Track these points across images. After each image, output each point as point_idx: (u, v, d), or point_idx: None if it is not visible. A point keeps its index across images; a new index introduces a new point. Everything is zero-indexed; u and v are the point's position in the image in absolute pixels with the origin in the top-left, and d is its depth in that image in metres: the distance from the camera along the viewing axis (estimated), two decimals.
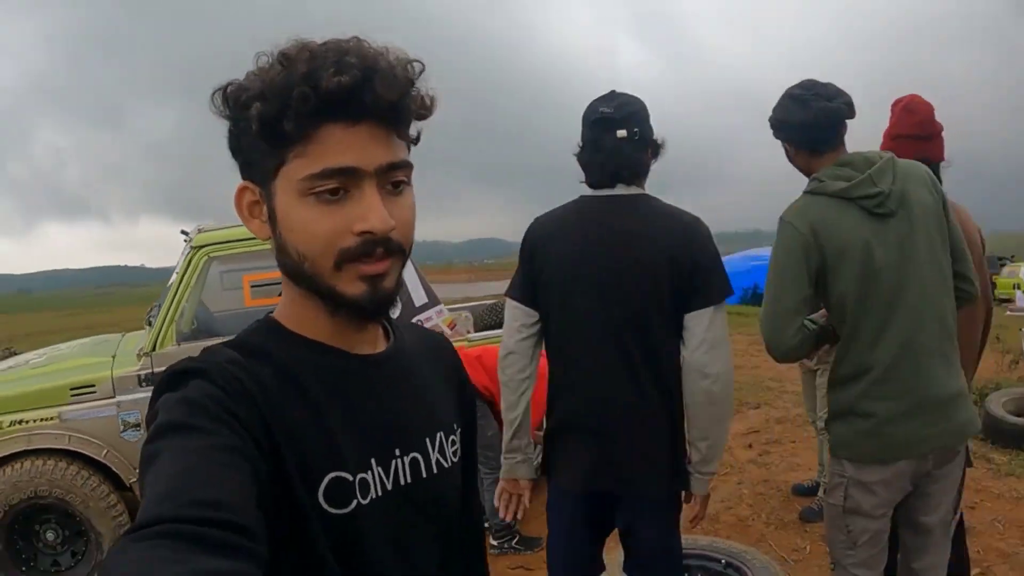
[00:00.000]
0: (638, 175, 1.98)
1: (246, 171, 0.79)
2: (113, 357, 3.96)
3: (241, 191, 0.80)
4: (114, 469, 3.61)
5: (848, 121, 1.99)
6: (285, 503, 0.70)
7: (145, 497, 0.59)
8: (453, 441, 0.92)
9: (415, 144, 0.82)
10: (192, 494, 0.57)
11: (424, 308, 4.02)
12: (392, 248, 0.76)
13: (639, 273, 1.88)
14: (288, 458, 0.71)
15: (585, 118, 1.99)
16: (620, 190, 1.95)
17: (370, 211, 0.73)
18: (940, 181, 2.16)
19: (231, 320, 3.95)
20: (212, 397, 0.68)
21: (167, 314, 3.76)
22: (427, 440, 0.87)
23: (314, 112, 0.70)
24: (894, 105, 2.45)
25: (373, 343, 0.87)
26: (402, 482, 0.82)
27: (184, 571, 0.50)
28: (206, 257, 3.83)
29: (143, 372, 3.70)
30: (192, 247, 3.85)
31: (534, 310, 1.98)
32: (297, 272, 0.77)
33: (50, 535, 3.56)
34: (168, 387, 0.71)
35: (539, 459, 2.17)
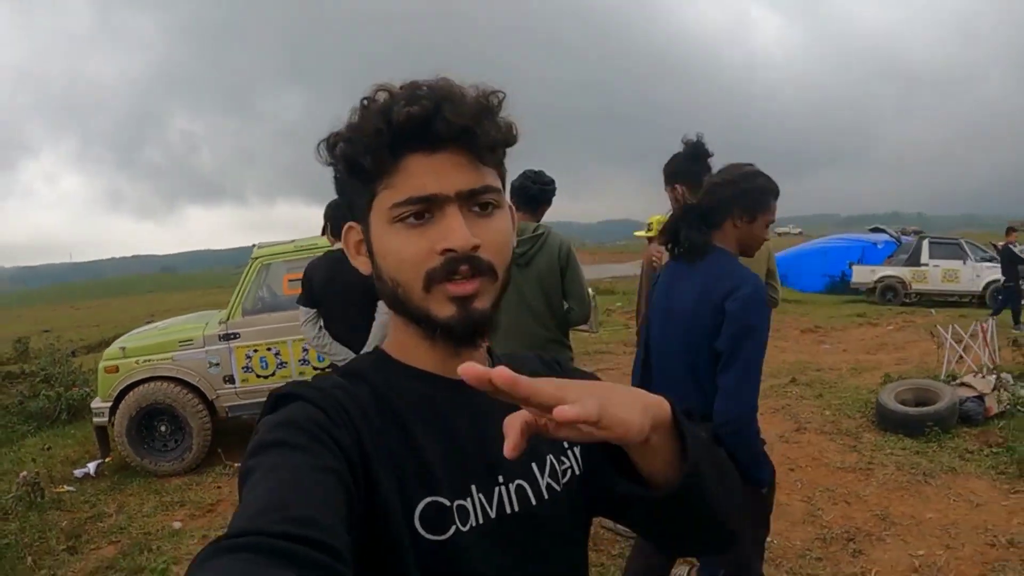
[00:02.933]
0: None
1: (350, 211, 0.84)
2: (206, 324, 6.13)
3: (347, 231, 0.86)
4: (202, 389, 5.80)
5: None
6: (379, 528, 0.71)
7: (240, 507, 0.61)
8: (563, 460, 0.90)
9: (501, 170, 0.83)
10: (287, 510, 0.59)
11: None
12: (481, 267, 0.77)
13: None
14: (384, 483, 0.73)
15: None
16: None
17: (450, 230, 0.75)
18: None
19: (284, 300, 5.95)
20: (312, 419, 0.71)
21: (235, 299, 5.90)
22: (533, 465, 0.86)
23: (391, 145, 0.75)
24: None
25: None
26: (508, 511, 0.81)
27: None
28: (260, 264, 5.91)
29: (221, 332, 5.84)
30: (251, 258, 5.96)
31: None
32: (393, 299, 0.81)
33: (162, 428, 5.78)
34: (270, 410, 0.75)
35: None
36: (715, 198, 2.31)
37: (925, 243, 16.75)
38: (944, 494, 4.31)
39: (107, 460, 5.99)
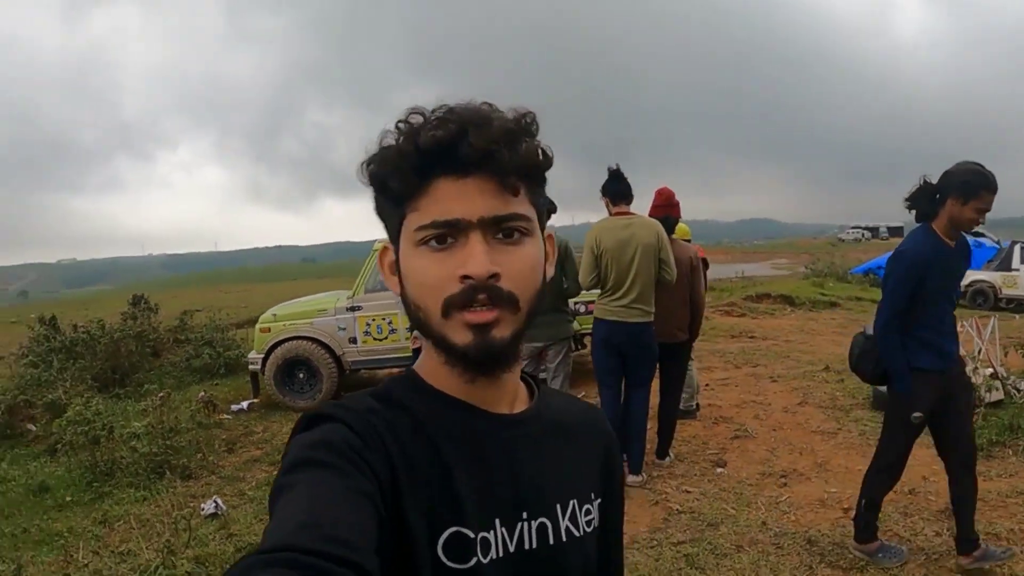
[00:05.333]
0: None
1: (387, 233, 0.85)
2: (337, 299, 8.18)
3: (383, 252, 0.87)
4: (332, 347, 7.84)
5: None
6: (404, 554, 0.73)
7: (273, 522, 0.63)
8: (588, 511, 0.91)
9: (540, 197, 0.84)
10: (321, 529, 0.60)
11: None
12: (500, 297, 0.77)
13: None
14: (412, 510, 0.74)
15: None
16: None
17: (469, 257, 0.76)
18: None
19: None
20: (347, 440, 0.72)
21: (359, 280, 7.90)
22: (558, 506, 0.87)
23: (418, 168, 0.76)
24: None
25: (511, 403, 0.89)
26: (527, 546, 0.83)
27: None
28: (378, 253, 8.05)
29: (348, 305, 7.87)
30: (373, 249, 7.86)
31: None
32: (416, 321, 0.82)
33: (300, 375, 7.89)
34: (304, 428, 0.76)
35: None
36: (943, 183, 3.28)
37: (1017, 248, 16.74)
38: None
39: (256, 400, 8.18)
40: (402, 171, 0.78)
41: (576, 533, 0.89)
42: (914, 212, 3.39)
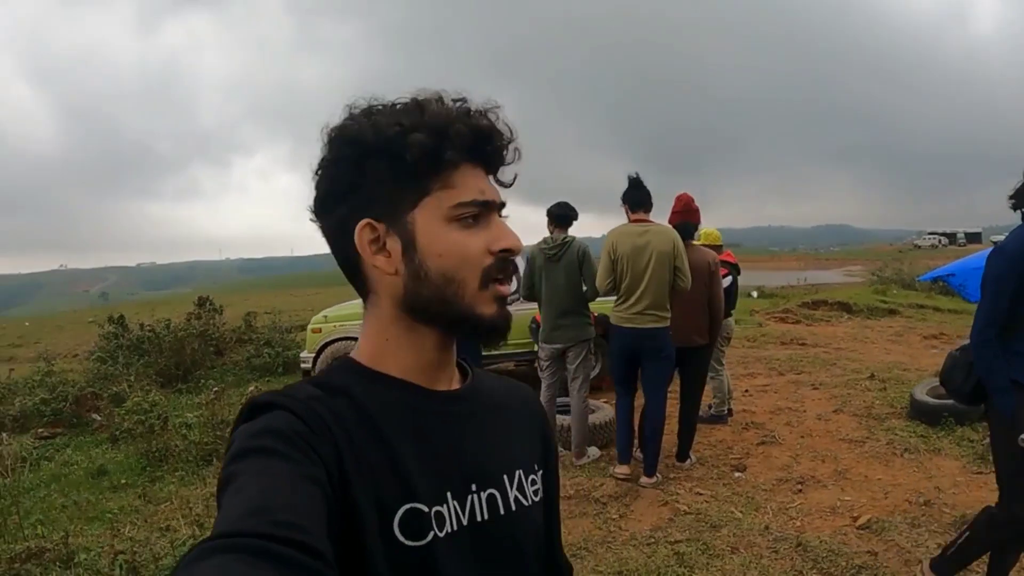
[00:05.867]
0: None
1: (365, 209, 0.84)
2: None
3: (363, 229, 0.84)
4: None
5: None
6: (355, 537, 0.73)
7: (222, 511, 0.63)
8: (533, 481, 0.95)
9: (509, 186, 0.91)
10: (271, 513, 0.61)
11: None
12: (516, 269, 0.88)
13: None
14: (361, 491, 0.75)
15: None
16: None
17: (506, 233, 0.85)
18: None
19: None
20: (292, 427, 0.73)
21: None
22: (504, 477, 0.90)
23: (467, 148, 0.82)
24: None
25: (450, 380, 0.92)
26: (479, 518, 0.85)
27: None
28: None
29: None
30: None
31: None
32: (435, 299, 0.83)
33: None
34: (247, 418, 0.76)
35: None
36: None
37: None
38: (909, 465, 5.41)
39: None
40: (457, 148, 0.81)
41: (524, 502, 0.92)
42: (1020, 212, 2.97)
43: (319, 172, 0.86)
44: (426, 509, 0.80)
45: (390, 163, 0.82)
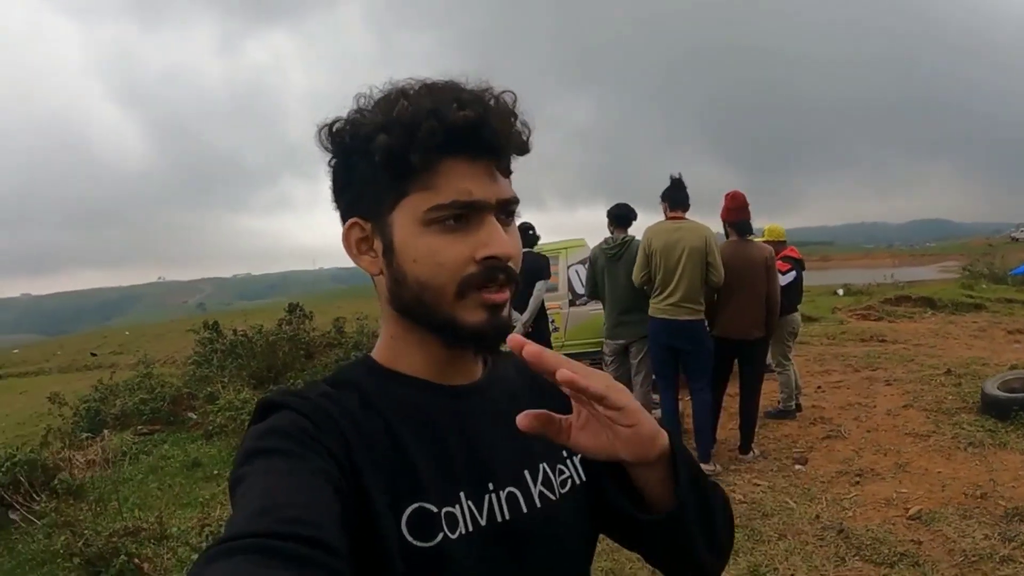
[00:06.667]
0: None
1: (354, 208, 0.83)
2: None
3: (350, 228, 0.84)
4: None
5: None
6: (368, 533, 0.72)
7: (232, 514, 0.64)
8: (562, 471, 0.91)
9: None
10: (281, 511, 0.61)
11: None
12: (512, 277, 0.80)
13: None
14: (372, 489, 0.74)
15: None
16: None
17: (493, 238, 0.78)
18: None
19: None
20: (298, 425, 0.73)
21: None
22: (526, 473, 0.87)
23: (440, 146, 0.75)
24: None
25: (468, 374, 0.89)
26: (499, 519, 0.82)
27: None
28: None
29: None
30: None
31: None
32: (414, 303, 0.81)
33: None
34: (260, 418, 0.77)
35: None
36: None
37: None
38: (971, 459, 5.36)
39: None
40: (426, 148, 0.75)
41: (552, 497, 0.88)
42: None
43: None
44: (435, 509, 0.78)
45: (368, 163, 0.79)
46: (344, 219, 0.86)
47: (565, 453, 0.92)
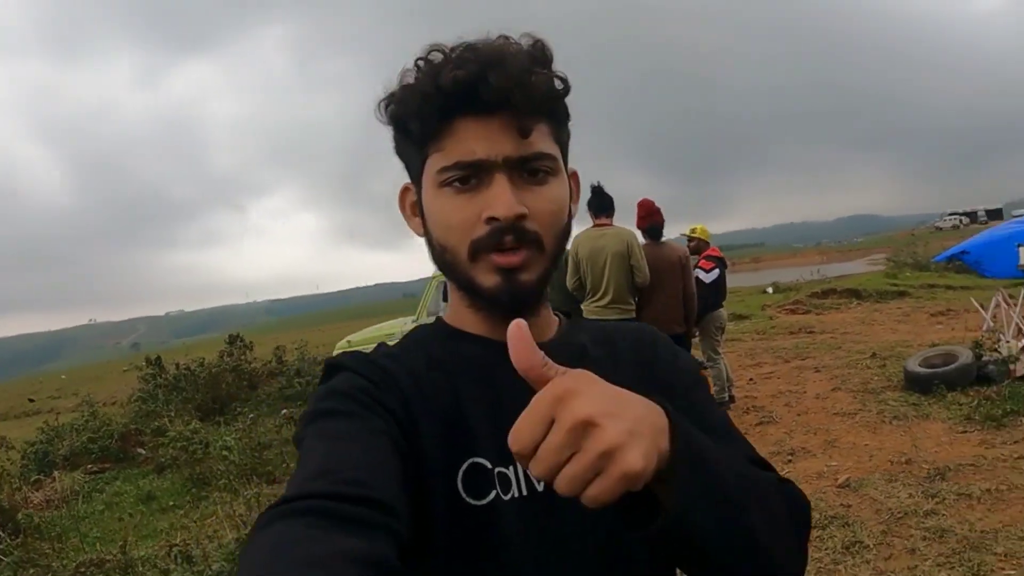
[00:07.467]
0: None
1: (408, 173, 0.86)
2: (404, 324, 9.14)
3: (404, 192, 0.88)
4: None
5: None
6: (425, 488, 0.73)
7: (293, 474, 0.65)
8: None
9: (564, 129, 0.83)
10: (337, 473, 0.62)
11: None
12: (526, 238, 0.77)
13: None
14: (429, 443, 0.75)
15: None
16: None
17: (495, 198, 0.75)
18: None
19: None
20: (355, 385, 0.74)
21: (421, 305, 8.86)
22: None
23: (440, 108, 0.76)
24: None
25: (536, 335, 0.75)
26: None
27: (321, 551, 0.53)
28: (437, 281, 8.73)
29: (410, 328, 9.02)
30: (431, 278, 8.75)
31: None
32: (441, 264, 0.83)
33: None
34: (325, 379, 0.79)
35: None
36: None
37: None
38: (896, 431, 5.74)
39: None
40: (423, 112, 0.77)
41: None
42: None
43: None
44: (489, 466, 0.77)
45: (399, 132, 0.83)
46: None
47: None
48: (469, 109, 0.75)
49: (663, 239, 6.09)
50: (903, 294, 15.18)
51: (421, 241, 0.87)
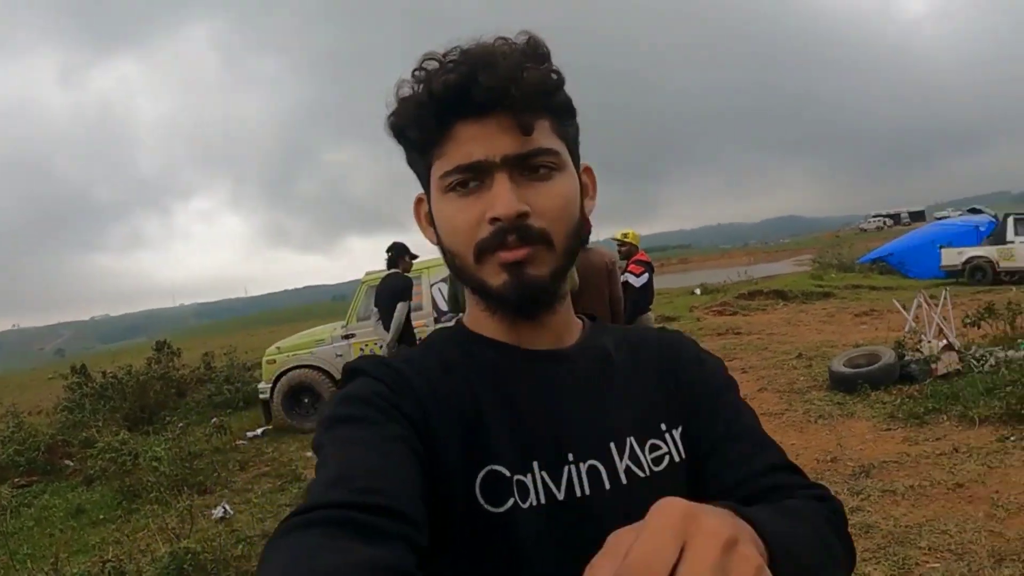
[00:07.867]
0: None
1: (420, 183, 0.85)
2: (333, 328, 9.08)
3: (417, 203, 0.88)
4: (332, 373, 8.66)
5: None
6: (442, 493, 0.71)
7: (312, 482, 0.64)
8: (656, 446, 0.83)
9: (568, 123, 0.83)
10: (354, 482, 0.61)
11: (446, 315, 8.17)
12: (530, 236, 0.76)
13: None
14: (447, 449, 0.73)
15: None
16: None
17: (495, 198, 0.75)
18: None
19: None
20: (373, 390, 0.73)
21: (351, 310, 8.81)
22: (612, 446, 0.80)
23: (436, 115, 0.76)
24: None
25: (556, 339, 0.86)
26: (578, 493, 0.77)
27: (340, 562, 0.53)
28: (367, 287, 8.66)
29: (342, 334, 8.77)
30: (361, 283, 8.74)
31: None
32: (453, 269, 0.82)
33: (305, 400, 8.76)
34: (340, 385, 0.79)
35: None
36: None
37: (1010, 220, 16.87)
38: (822, 430, 5.93)
39: (269, 426, 9.09)
40: (421, 120, 0.77)
41: (641, 474, 0.80)
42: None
43: None
44: (507, 474, 0.75)
45: (403, 142, 0.84)
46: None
47: (664, 427, 0.85)
48: (465, 112, 0.76)
49: (590, 244, 6.20)
50: (828, 295, 15.68)
51: (349, 244, 0.90)
